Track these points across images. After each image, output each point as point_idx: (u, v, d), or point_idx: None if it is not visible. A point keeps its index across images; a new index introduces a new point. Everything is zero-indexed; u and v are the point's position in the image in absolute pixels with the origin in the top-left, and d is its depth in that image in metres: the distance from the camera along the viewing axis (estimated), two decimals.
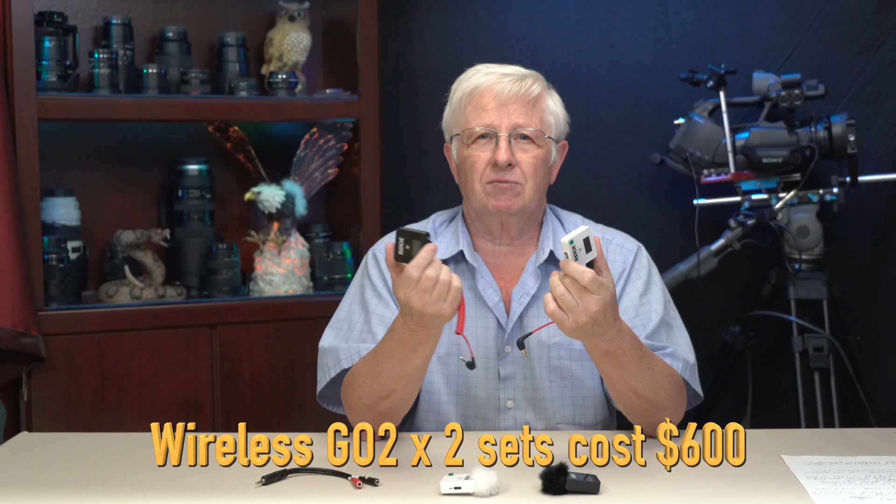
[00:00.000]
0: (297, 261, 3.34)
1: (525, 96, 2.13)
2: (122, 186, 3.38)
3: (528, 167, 2.13)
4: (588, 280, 1.84)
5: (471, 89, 2.16)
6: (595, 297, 1.85)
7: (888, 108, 3.59)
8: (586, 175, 3.63)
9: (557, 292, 1.86)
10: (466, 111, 2.16)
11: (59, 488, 1.81)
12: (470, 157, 2.15)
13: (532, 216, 2.21)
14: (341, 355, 2.13)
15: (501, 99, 2.13)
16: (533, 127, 2.13)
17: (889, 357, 3.65)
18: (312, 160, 3.40)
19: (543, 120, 2.15)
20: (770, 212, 3.36)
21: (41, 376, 2.99)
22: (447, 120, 2.23)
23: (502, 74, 2.16)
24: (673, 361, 2.10)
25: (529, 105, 2.14)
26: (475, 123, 2.14)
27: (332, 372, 2.14)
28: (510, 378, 2.20)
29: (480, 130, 2.13)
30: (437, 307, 1.87)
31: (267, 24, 3.48)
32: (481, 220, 2.21)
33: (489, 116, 2.13)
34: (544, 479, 1.74)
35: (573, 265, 1.85)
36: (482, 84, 2.15)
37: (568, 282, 1.86)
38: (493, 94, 2.13)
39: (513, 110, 2.13)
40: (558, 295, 1.86)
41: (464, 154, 2.16)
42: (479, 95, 2.15)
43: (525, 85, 2.14)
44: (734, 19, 3.65)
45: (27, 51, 2.96)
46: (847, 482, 1.78)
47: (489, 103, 2.14)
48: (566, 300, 1.86)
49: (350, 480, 1.81)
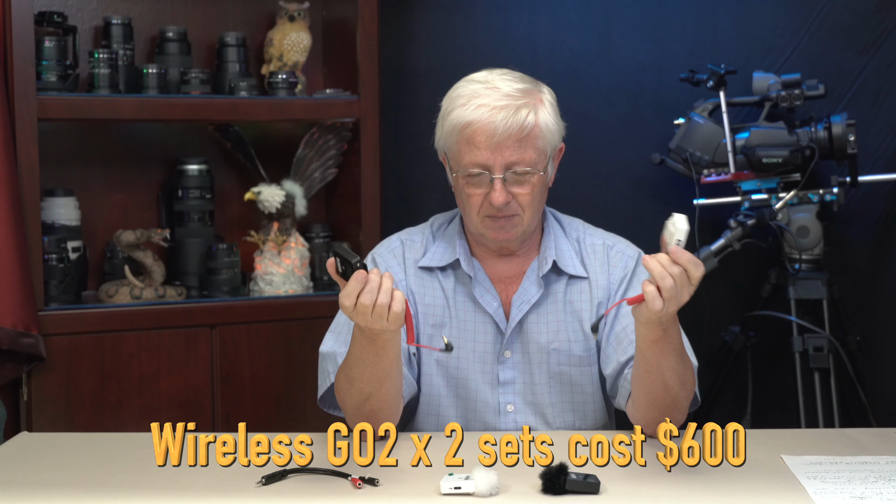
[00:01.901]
0: (297, 261, 3.34)
1: (518, 133, 2.06)
2: (122, 186, 3.38)
3: (524, 199, 2.10)
4: (699, 275, 1.84)
5: (462, 126, 2.08)
6: (691, 289, 1.85)
7: (888, 108, 3.59)
8: (586, 175, 3.63)
9: (666, 284, 1.83)
10: (459, 146, 2.10)
11: (59, 488, 1.81)
12: (465, 192, 2.11)
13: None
14: (339, 360, 2.13)
15: (495, 138, 2.05)
16: (528, 163, 2.08)
17: (889, 357, 3.65)
18: (312, 160, 3.40)
19: (538, 149, 2.09)
20: (770, 212, 3.36)
21: (41, 376, 2.99)
22: (439, 141, 2.16)
23: (494, 109, 2.06)
24: None
25: (523, 139, 2.07)
26: (468, 162, 2.08)
27: (332, 377, 2.14)
28: (510, 383, 2.20)
29: (475, 171, 2.08)
30: (380, 325, 1.89)
31: (267, 24, 3.48)
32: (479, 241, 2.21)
33: (482, 155, 2.06)
34: (544, 479, 1.74)
35: (688, 256, 1.84)
36: (474, 122, 2.06)
37: (676, 270, 1.84)
38: (485, 133, 2.06)
39: (506, 147, 2.06)
40: (664, 286, 1.83)
41: (459, 184, 2.13)
42: (471, 133, 2.07)
43: (518, 119, 2.05)
44: (734, 19, 3.65)
45: (27, 51, 2.96)
46: (847, 482, 1.78)
47: (482, 143, 2.06)
48: (670, 290, 1.83)
49: (350, 480, 1.81)
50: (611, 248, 2.25)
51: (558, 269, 2.21)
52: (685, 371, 2.01)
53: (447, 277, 2.23)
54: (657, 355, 1.95)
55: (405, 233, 2.30)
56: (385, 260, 2.25)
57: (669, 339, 1.94)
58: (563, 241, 2.23)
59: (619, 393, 2.16)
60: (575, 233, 2.26)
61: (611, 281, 2.22)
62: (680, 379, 2.00)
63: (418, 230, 2.30)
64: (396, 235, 2.30)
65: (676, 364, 1.98)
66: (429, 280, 2.23)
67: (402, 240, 2.28)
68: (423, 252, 2.25)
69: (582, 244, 2.25)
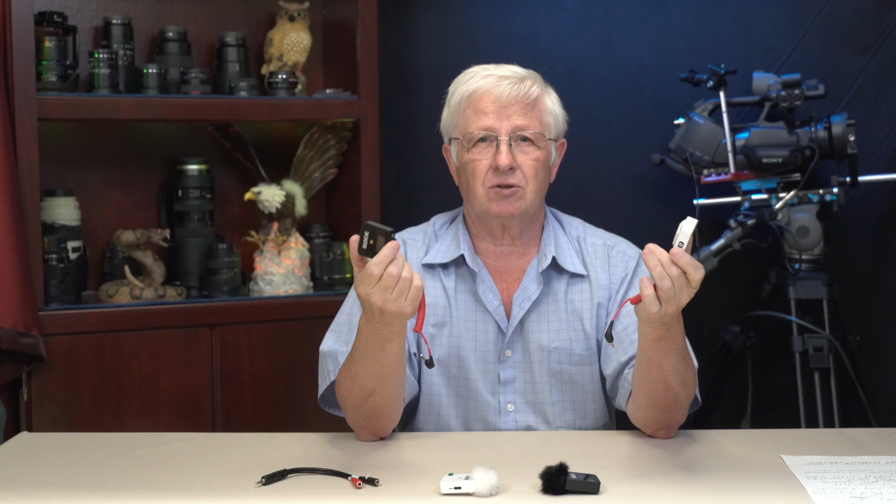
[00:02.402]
0: (297, 261, 3.34)
1: (524, 98, 2.13)
2: (122, 186, 3.38)
3: (529, 169, 2.13)
4: (699, 277, 1.83)
5: (469, 93, 2.16)
6: (691, 292, 1.84)
7: (888, 108, 3.59)
8: (586, 175, 3.63)
9: (664, 285, 1.82)
10: (465, 115, 2.16)
11: (59, 488, 1.81)
12: (471, 161, 2.15)
13: (533, 217, 2.21)
14: (340, 359, 2.13)
15: (501, 102, 2.12)
16: (533, 129, 2.13)
17: (889, 357, 3.65)
18: (312, 160, 3.40)
19: (543, 121, 2.15)
20: (770, 212, 3.36)
21: (41, 376, 2.99)
22: (445, 123, 2.23)
23: (500, 77, 2.15)
24: None
25: (529, 107, 2.14)
26: (475, 127, 2.14)
27: (332, 376, 2.14)
28: (510, 382, 2.20)
29: (480, 134, 2.13)
30: (397, 305, 1.87)
31: (267, 24, 3.48)
32: (482, 222, 2.22)
33: (489, 120, 2.13)
34: (544, 479, 1.74)
35: (689, 258, 1.83)
36: (480, 87, 2.15)
37: (675, 272, 1.83)
38: (491, 97, 2.13)
39: (512, 112, 2.13)
40: (662, 286, 1.82)
41: (464, 158, 2.16)
42: (477, 99, 2.14)
43: (524, 87, 2.14)
44: (734, 19, 3.65)
45: (27, 51, 2.96)
46: (847, 482, 1.78)
47: (488, 107, 2.13)
48: (667, 291, 1.83)
49: (350, 480, 1.81)
50: (611, 248, 2.25)
51: (558, 268, 2.21)
52: (686, 371, 2.01)
53: (448, 276, 2.23)
54: (659, 353, 1.95)
55: (407, 232, 2.31)
56: None
57: (672, 338, 1.94)
58: (562, 239, 2.24)
59: (619, 393, 2.16)
60: (575, 232, 2.27)
61: (612, 281, 2.22)
62: (681, 378, 2.00)
63: (420, 229, 2.31)
64: (398, 235, 2.30)
65: (678, 363, 1.98)
66: (430, 279, 2.23)
67: (404, 239, 2.29)
68: (425, 250, 2.25)
69: (582, 243, 2.26)
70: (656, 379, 1.99)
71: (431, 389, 2.21)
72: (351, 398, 2.06)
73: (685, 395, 2.03)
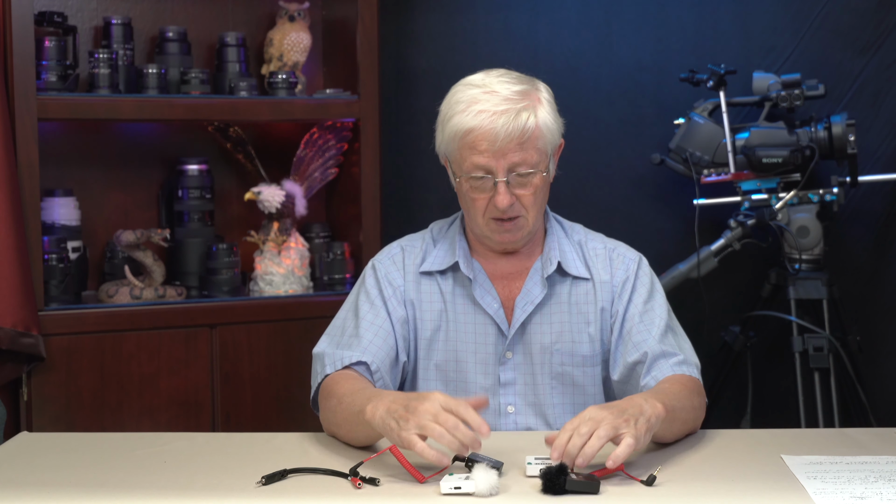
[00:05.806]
0: (297, 261, 3.34)
1: (520, 137, 2.06)
2: (122, 186, 3.39)
3: (528, 200, 2.11)
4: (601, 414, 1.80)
5: (463, 132, 2.08)
6: (590, 430, 1.78)
7: (888, 108, 3.59)
8: (586, 175, 3.63)
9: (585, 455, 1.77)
10: (461, 152, 2.10)
11: (59, 488, 1.81)
12: (469, 196, 2.12)
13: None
14: (326, 361, 2.13)
15: (497, 143, 2.05)
16: (530, 164, 2.08)
17: (889, 357, 3.65)
18: (312, 160, 3.40)
19: (539, 150, 2.09)
20: (770, 212, 3.36)
21: (41, 376, 2.99)
22: (440, 147, 2.17)
23: (495, 113, 2.06)
24: (687, 368, 2.12)
25: (525, 141, 2.07)
26: (470, 166, 2.09)
27: (320, 377, 2.14)
28: (510, 384, 2.20)
29: (478, 174, 2.09)
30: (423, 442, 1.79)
31: (267, 24, 3.48)
32: (482, 242, 2.21)
33: (484, 159, 2.07)
34: (544, 479, 1.74)
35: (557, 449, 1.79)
36: (475, 129, 2.06)
37: (566, 433, 1.79)
38: (487, 139, 2.06)
39: (508, 150, 2.06)
40: (583, 454, 1.77)
41: (462, 188, 2.13)
42: (472, 140, 2.07)
43: (519, 122, 2.06)
44: (734, 19, 3.65)
45: (27, 51, 2.96)
46: (847, 482, 1.78)
47: (484, 147, 2.07)
48: (580, 449, 1.77)
49: (350, 480, 1.81)
50: (612, 251, 2.26)
51: (562, 271, 2.21)
52: (692, 407, 2.04)
53: (446, 280, 2.23)
54: (662, 430, 1.95)
55: (406, 239, 2.30)
56: (385, 267, 2.25)
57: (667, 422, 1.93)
58: (566, 243, 2.24)
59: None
60: (576, 236, 2.27)
61: (614, 283, 2.22)
62: (690, 415, 2.04)
63: (419, 236, 2.30)
64: (397, 242, 2.30)
65: (682, 413, 2.00)
66: (427, 285, 2.23)
67: (402, 246, 2.28)
68: (422, 258, 2.25)
69: (584, 247, 2.25)
70: (674, 435, 2.03)
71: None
72: (328, 420, 2.07)
73: (696, 416, 2.08)
